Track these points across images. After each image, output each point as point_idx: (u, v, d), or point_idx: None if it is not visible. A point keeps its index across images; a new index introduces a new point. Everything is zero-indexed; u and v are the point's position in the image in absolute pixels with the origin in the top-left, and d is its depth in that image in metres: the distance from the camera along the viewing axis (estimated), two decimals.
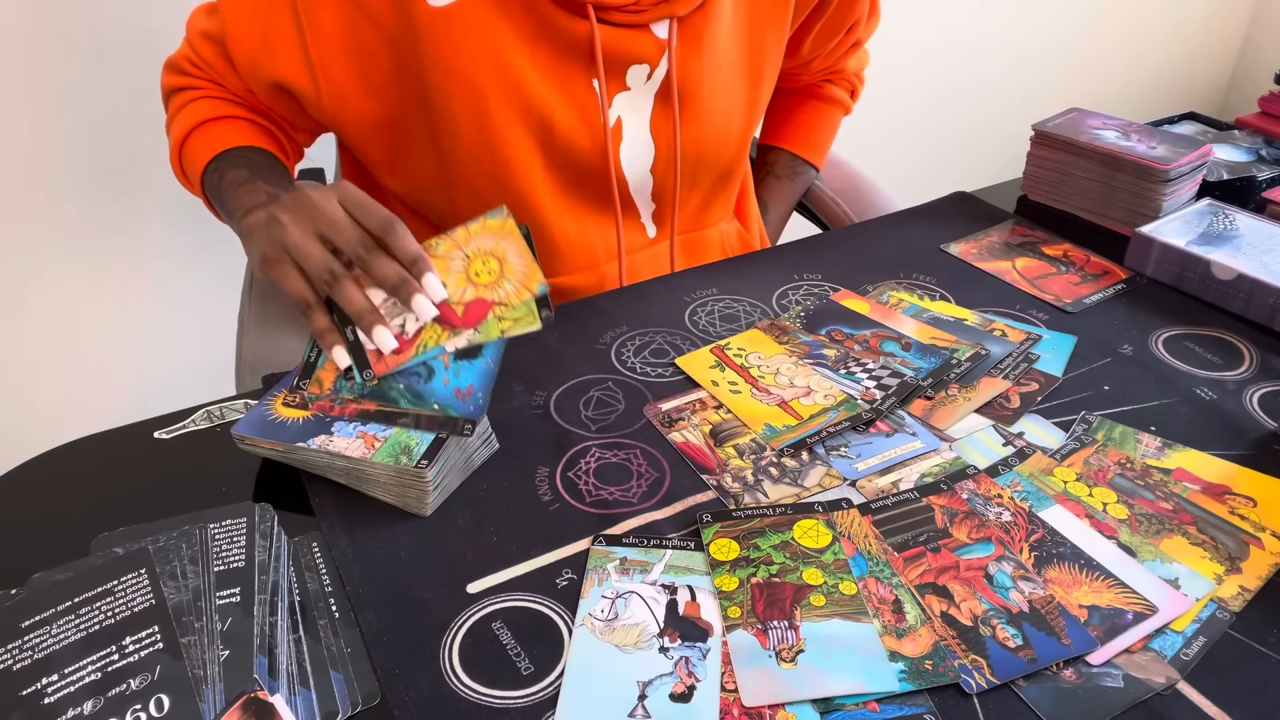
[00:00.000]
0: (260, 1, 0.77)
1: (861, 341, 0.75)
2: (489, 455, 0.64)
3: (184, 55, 0.85)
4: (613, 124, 0.83)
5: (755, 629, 0.51)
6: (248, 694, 0.45)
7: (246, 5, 0.78)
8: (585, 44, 0.78)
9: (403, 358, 0.61)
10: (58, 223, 1.33)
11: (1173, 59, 2.33)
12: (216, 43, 0.82)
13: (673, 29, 0.81)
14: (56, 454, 0.66)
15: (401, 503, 0.60)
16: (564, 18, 0.77)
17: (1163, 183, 0.88)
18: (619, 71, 0.81)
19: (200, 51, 0.83)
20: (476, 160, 0.81)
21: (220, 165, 0.80)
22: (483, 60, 0.76)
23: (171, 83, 0.87)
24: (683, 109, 0.85)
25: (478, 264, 0.62)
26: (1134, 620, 0.52)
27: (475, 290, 0.62)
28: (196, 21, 0.84)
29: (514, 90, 0.78)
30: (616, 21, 0.78)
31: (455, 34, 0.75)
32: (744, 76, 0.89)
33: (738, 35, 0.87)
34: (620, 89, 0.82)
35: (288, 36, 0.77)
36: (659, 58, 0.82)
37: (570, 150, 0.82)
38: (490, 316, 0.61)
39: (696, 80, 0.84)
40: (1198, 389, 0.70)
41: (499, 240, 0.62)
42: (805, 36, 0.96)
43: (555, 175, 0.84)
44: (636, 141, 0.86)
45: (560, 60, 0.79)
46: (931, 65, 1.98)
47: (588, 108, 0.81)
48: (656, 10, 0.79)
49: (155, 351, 1.50)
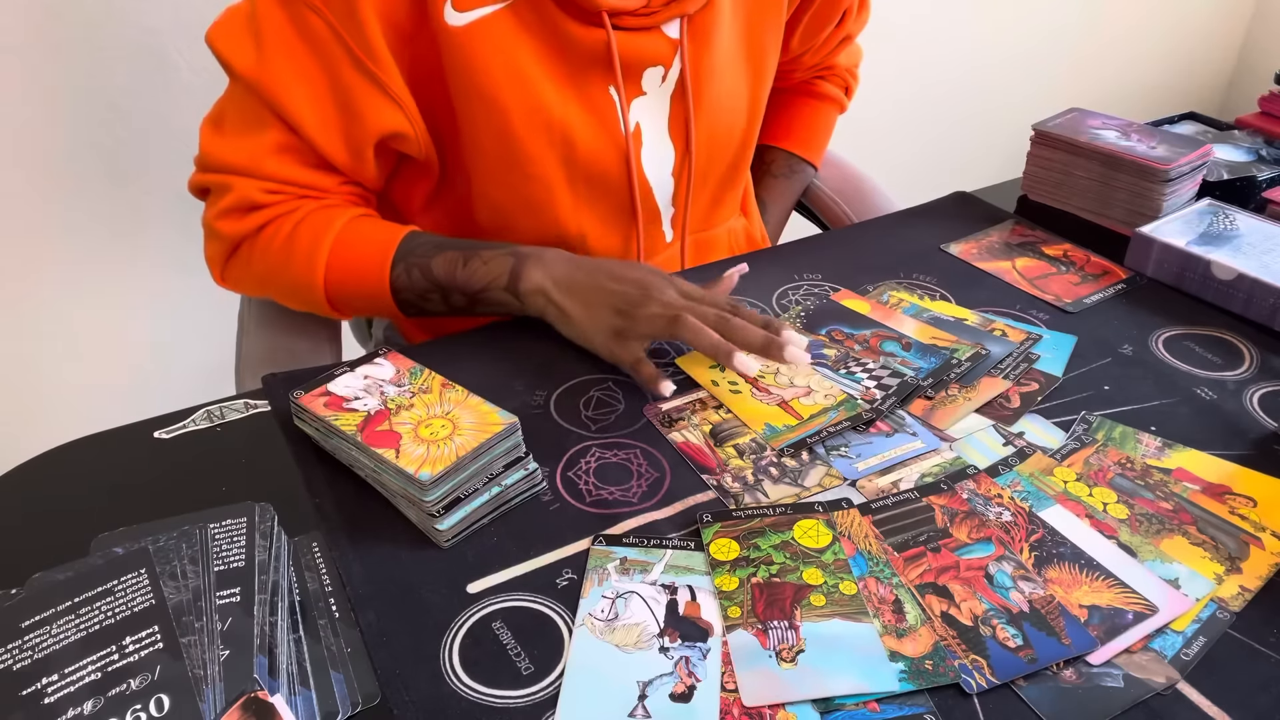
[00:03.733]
0: (315, 71, 0.72)
1: (862, 341, 0.75)
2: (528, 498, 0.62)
3: (249, 192, 0.75)
4: (633, 129, 0.83)
5: (755, 629, 0.51)
6: (248, 694, 0.45)
7: (306, 89, 0.72)
8: (602, 52, 0.78)
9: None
10: (58, 223, 1.33)
11: (1173, 59, 2.33)
12: (292, 151, 0.75)
13: (683, 27, 0.81)
14: (56, 454, 0.66)
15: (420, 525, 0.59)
16: (578, 28, 0.76)
17: (1163, 183, 0.88)
18: (635, 76, 0.81)
19: (276, 173, 0.75)
20: (500, 178, 0.81)
21: (407, 262, 0.75)
22: (503, 78, 0.76)
23: (246, 226, 0.77)
24: (696, 106, 0.84)
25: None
26: (1134, 620, 0.52)
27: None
28: (246, 149, 0.74)
29: (535, 106, 0.77)
30: (629, 26, 0.78)
31: (475, 53, 0.74)
32: (746, 69, 0.89)
33: (737, 29, 0.87)
34: (637, 94, 0.82)
35: (361, 87, 0.73)
36: (672, 57, 0.82)
37: (592, 162, 0.82)
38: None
39: (708, 76, 0.84)
40: (1198, 389, 0.70)
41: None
42: (794, 29, 0.96)
43: (579, 189, 0.83)
44: (657, 145, 0.85)
45: (578, 71, 0.79)
46: (931, 65, 1.98)
47: (608, 116, 0.81)
48: (667, 10, 0.79)
49: (155, 351, 1.50)
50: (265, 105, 0.73)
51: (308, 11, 0.70)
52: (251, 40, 0.72)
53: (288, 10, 0.71)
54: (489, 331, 0.79)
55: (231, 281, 0.82)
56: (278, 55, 0.71)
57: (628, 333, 0.70)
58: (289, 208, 0.77)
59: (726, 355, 0.66)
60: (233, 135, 0.76)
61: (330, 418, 0.61)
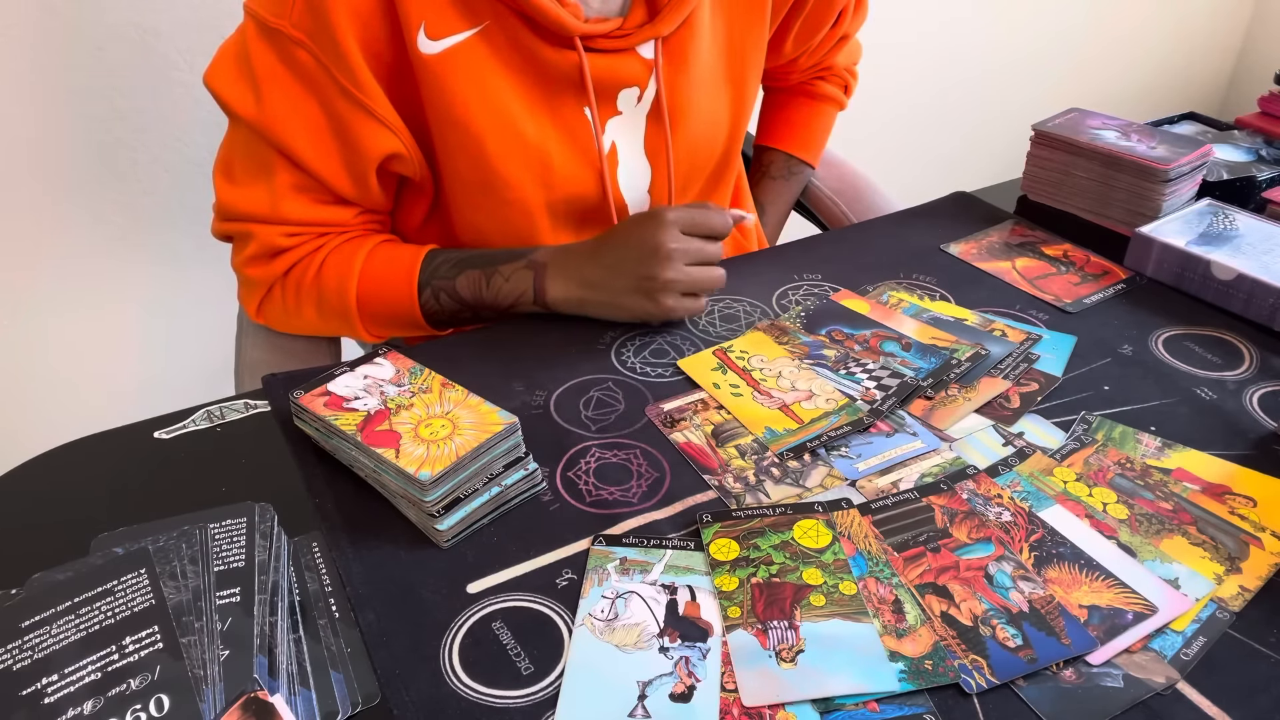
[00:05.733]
0: (310, 105, 0.73)
1: (861, 342, 0.75)
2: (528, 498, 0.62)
3: (271, 238, 0.77)
4: (608, 150, 0.83)
5: (755, 629, 0.51)
6: (248, 694, 0.45)
7: (303, 125, 0.73)
8: (575, 74, 0.78)
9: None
10: (58, 223, 1.33)
11: (1173, 59, 2.33)
12: (305, 191, 0.76)
13: (658, 49, 0.80)
14: (56, 454, 0.66)
15: (420, 525, 0.59)
16: (551, 51, 0.76)
17: (1163, 183, 0.88)
18: (610, 97, 0.81)
19: (292, 216, 0.77)
20: (478, 203, 0.81)
21: (433, 286, 0.78)
22: (477, 105, 0.76)
23: (274, 270, 0.79)
24: (673, 125, 0.84)
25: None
26: (1134, 620, 0.52)
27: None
28: (260, 197, 0.76)
29: (510, 131, 0.77)
30: (603, 48, 0.78)
31: (449, 81, 0.74)
32: (726, 84, 0.89)
33: (718, 44, 0.87)
34: (612, 114, 0.82)
35: (353, 116, 0.73)
36: (647, 79, 0.82)
37: (569, 182, 0.82)
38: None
39: (685, 96, 0.84)
40: (1198, 389, 0.70)
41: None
42: (786, 35, 0.96)
43: (557, 210, 0.84)
44: (632, 164, 0.86)
45: (552, 93, 0.79)
46: (931, 65, 1.98)
47: (582, 137, 0.81)
48: (641, 33, 0.79)
49: (155, 351, 1.50)
50: (269, 145, 0.74)
51: (294, 47, 0.71)
52: (248, 83, 0.73)
53: (276, 48, 0.72)
54: (489, 331, 0.79)
55: (267, 319, 0.84)
56: (273, 94, 0.72)
57: (654, 293, 0.75)
58: (312, 247, 0.79)
59: (720, 279, 0.76)
60: (245, 183, 0.77)
61: (330, 418, 0.61)
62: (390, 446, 0.58)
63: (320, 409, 0.62)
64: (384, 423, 0.60)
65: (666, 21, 0.79)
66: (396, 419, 0.60)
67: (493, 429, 0.59)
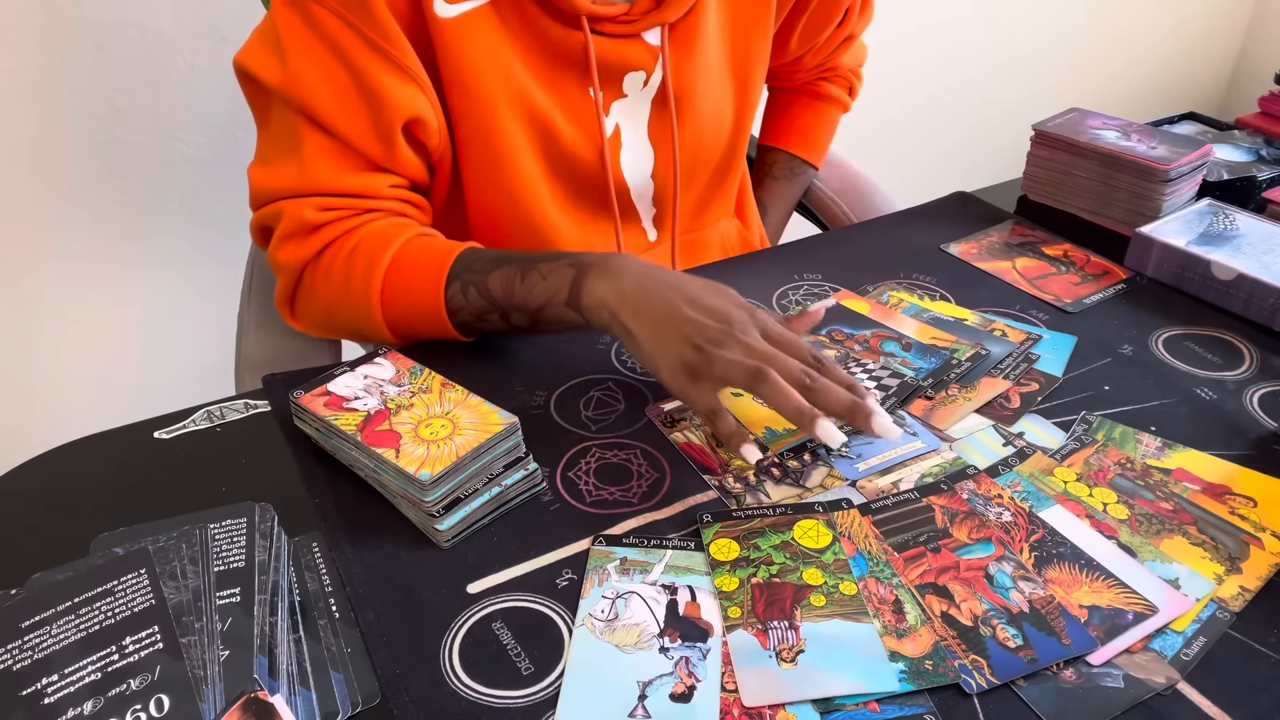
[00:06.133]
0: (334, 65, 0.71)
1: (862, 341, 0.75)
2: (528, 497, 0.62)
3: (301, 212, 0.73)
4: (611, 131, 0.84)
5: (755, 629, 0.51)
6: (248, 694, 0.45)
7: (329, 84, 0.71)
8: (581, 54, 0.79)
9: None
10: (58, 223, 1.33)
11: (1173, 59, 2.33)
12: (332, 155, 0.73)
13: (664, 36, 0.81)
14: (56, 454, 0.66)
15: (420, 525, 0.59)
16: (559, 29, 0.77)
17: (1163, 183, 0.88)
18: (615, 80, 0.82)
19: (320, 183, 0.73)
20: (484, 172, 0.81)
21: (463, 279, 0.71)
22: (488, 70, 0.76)
23: (306, 250, 0.75)
24: (679, 113, 0.85)
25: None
26: (1134, 620, 0.52)
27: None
28: (289, 170, 0.73)
29: (519, 100, 0.78)
30: (609, 32, 0.79)
31: (463, 45, 0.75)
32: (731, 76, 0.89)
33: (722, 36, 0.87)
34: (617, 96, 0.83)
35: (380, 71, 0.71)
36: (653, 64, 0.82)
37: (572, 158, 0.82)
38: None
39: (690, 84, 0.85)
40: (1198, 389, 0.70)
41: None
42: (791, 33, 0.97)
43: (559, 185, 0.84)
44: (636, 147, 0.86)
45: (558, 71, 0.79)
46: (932, 65, 1.99)
47: (586, 117, 0.82)
48: (647, 19, 0.79)
49: (155, 351, 1.50)
50: (296, 112, 0.72)
51: (316, 8, 0.71)
52: (274, 53, 0.72)
53: (300, 12, 0.71)
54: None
55: (301, 318, 0.79)
56: (298, 57, 0.71)
57: (702, 373, 0.62)
58: (346, 227, 0.75)
59: (810, 422, 0.59)
60: (276, 162, 0.75)
61: (330, 418, 0.61)
62: (390, 446, 0.58)
63: (320, 409, 0.62)
64: (384, 423, 0.60)
65: (673, 8, 0.79)
66: (396, 419, 0.60)
67: (493, 429, 0.59)
